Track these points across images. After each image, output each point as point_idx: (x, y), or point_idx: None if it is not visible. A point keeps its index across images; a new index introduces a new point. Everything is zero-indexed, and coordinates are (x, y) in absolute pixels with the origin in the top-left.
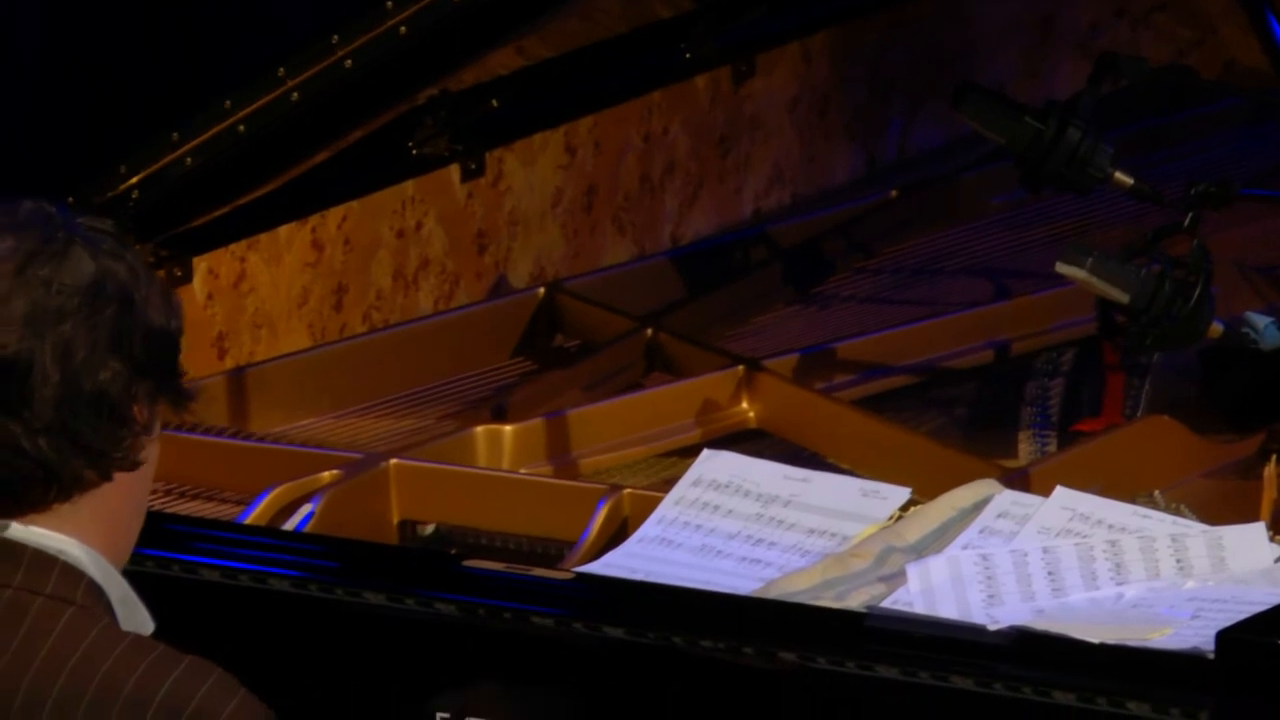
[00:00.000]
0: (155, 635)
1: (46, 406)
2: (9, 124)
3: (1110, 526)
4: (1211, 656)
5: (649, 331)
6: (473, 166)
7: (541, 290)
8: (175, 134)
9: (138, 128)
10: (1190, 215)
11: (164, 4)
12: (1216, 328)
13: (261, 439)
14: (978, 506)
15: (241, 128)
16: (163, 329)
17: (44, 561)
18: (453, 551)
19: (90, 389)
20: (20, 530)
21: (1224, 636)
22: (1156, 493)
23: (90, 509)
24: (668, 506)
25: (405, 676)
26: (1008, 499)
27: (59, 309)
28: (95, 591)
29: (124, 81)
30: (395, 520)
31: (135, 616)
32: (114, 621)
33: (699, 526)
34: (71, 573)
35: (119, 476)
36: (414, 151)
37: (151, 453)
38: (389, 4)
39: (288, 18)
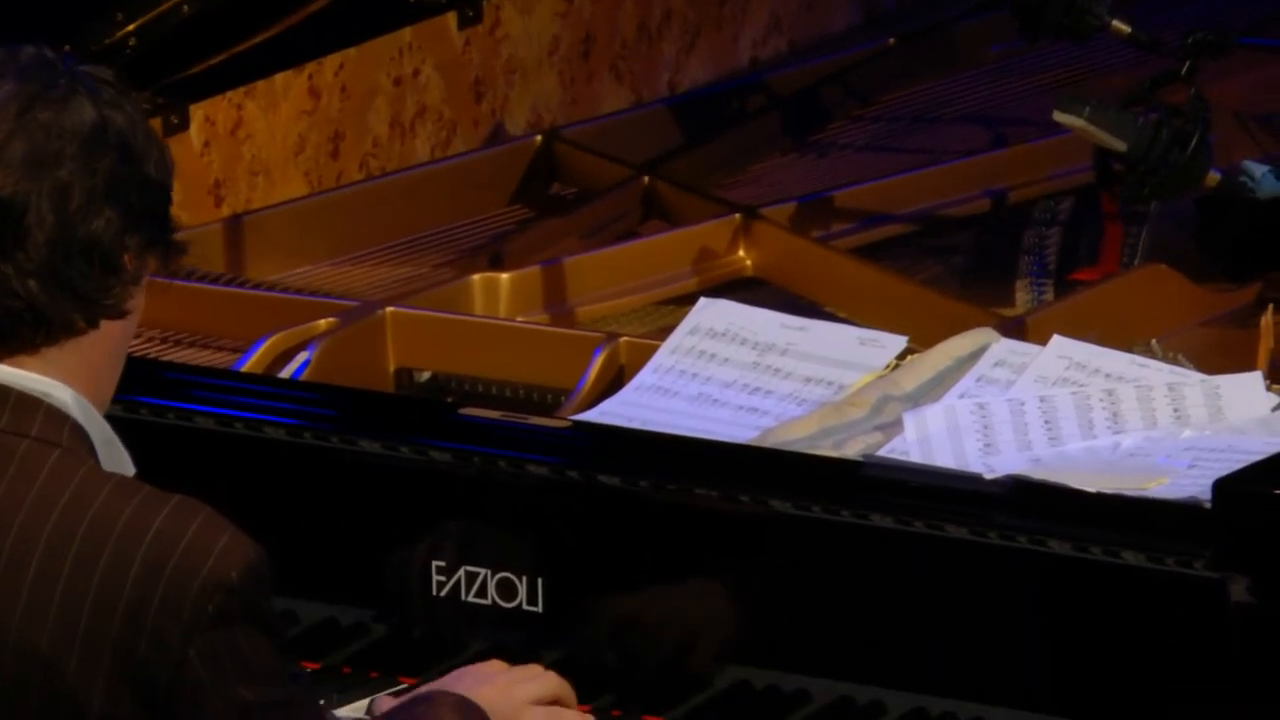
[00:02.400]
0: (152, 481)
1: (39, 249)
2: None
3: (1107, 375)
4: (1208, 506)
5: (646, 179)
6: (470, 14)
7: (539, 138)
8: None
9: None
10: (1188, 63)
11: None
12: (1214, 176)
13: (257, 286)
14: (974, 355)
15: None
16: (158, 181)
17: (29, 404)
18: (449, 399)
19: (84, 235)
20: (6, 372)
21: (1220, 486)
22: (1153, 341)
23: (76, 354)
24: (664, 355)
25: (400, 525)
26: (1004, 348)
27: (57, 154)
28: (79, 434)
29: None
30: (391, 368)
31: (117, 459)
32: (97, 464)
33: (695, 375)
34: (56, 415)
35: (105, 324)
36: None
37: (138, 303)
38: None
39: None
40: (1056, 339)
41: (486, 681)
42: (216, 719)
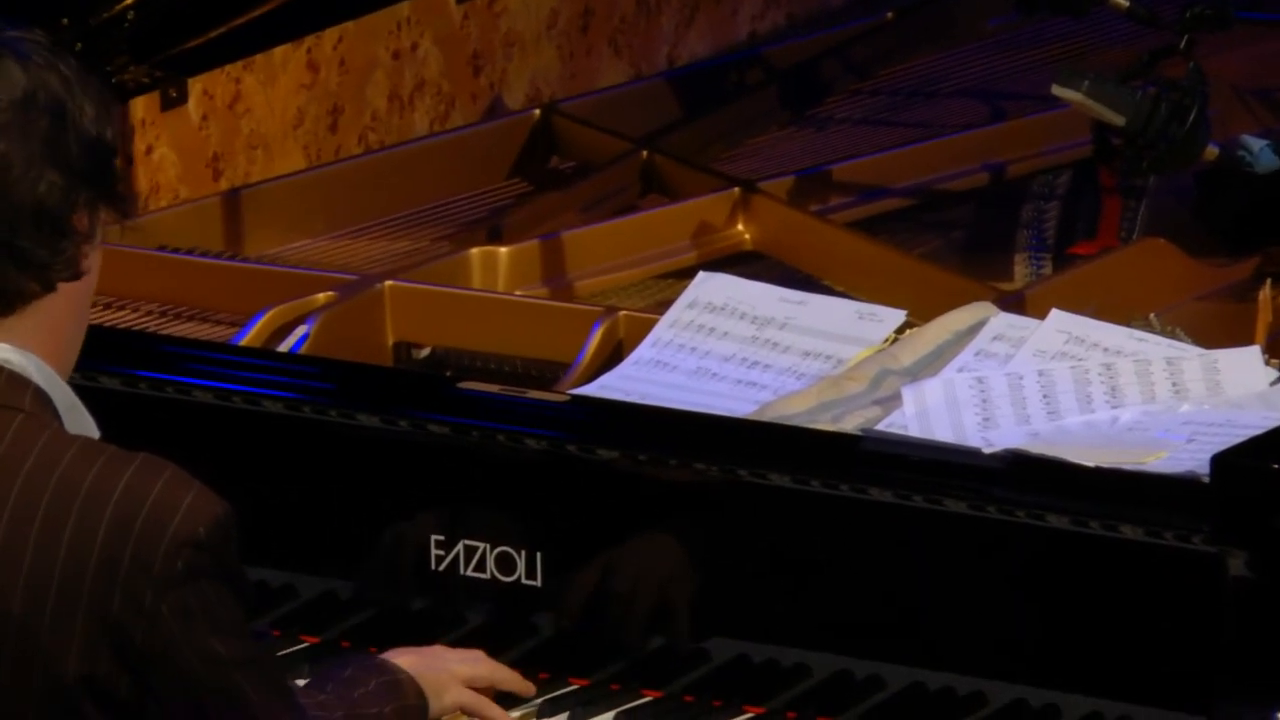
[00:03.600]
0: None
1: None
2: None
3: (1106, 349)
4: (1206, 480)
5: (645, 153)
6: None
7: (537, 112)
8: None
9: None
10: (1186, 38)
11: None
12: (1212, 150)
13: (256, 260)
14: (973, 329)
15: None
16: (98, 137)
17: None
18: (447, 374)
19: (29, 202)
20: None
21: (1219, 460)
22: (1152, 315)
23: (33, 319)
24: (663, 329)
25: (399, 499)
26: (1003, 322)
27: None
28: (42, 399)
29: None
30: (390, 342)
31: (81, 422)
32: (61, 427)
33: (694, 349)
34: (17, 380)
35: (62, 287)
36: None
37: (94, 261)
38: None
39: None
40: (1055, 313)
41: (424, 654)
42: (189, 671)
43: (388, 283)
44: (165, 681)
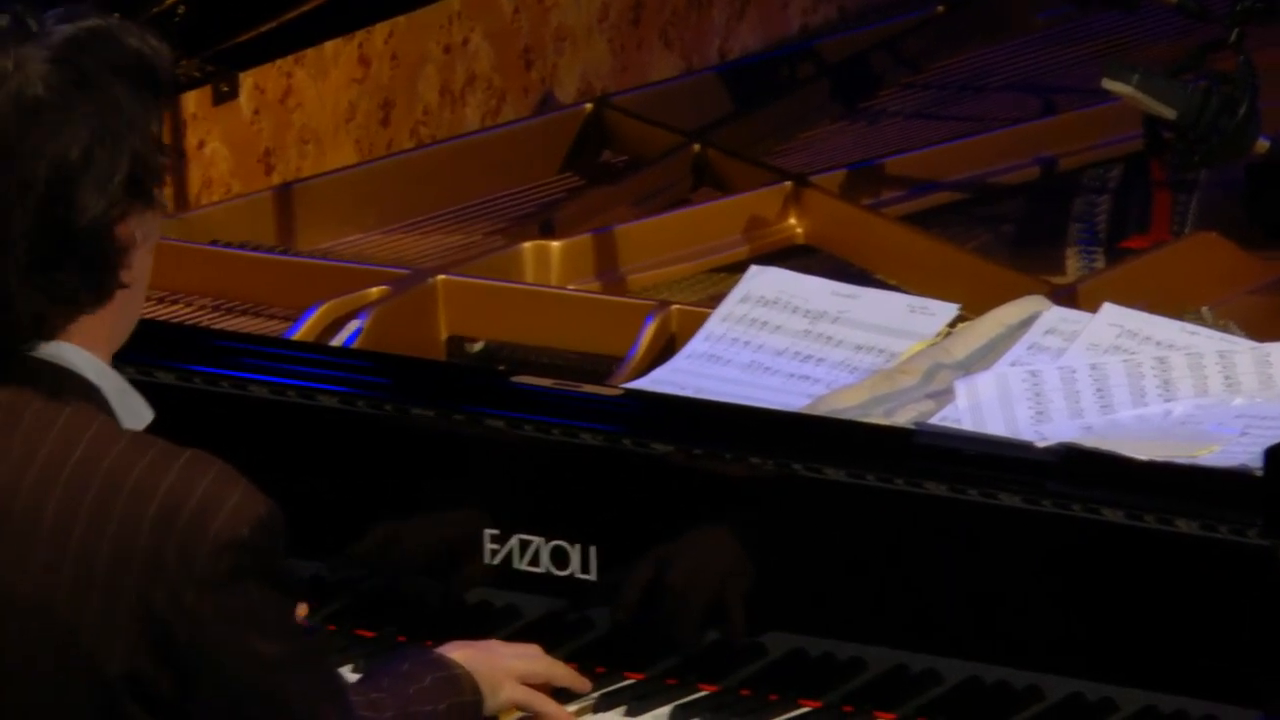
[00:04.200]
0: (206, 450)
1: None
2: None
3: (1158, 343)
4: (1259, 473)
5: (696, 147)
6: None
7: (589, 105)
8: None
9: None
10: (1236, 31)
11: None
12: (1262, 144)
13: (309, 255)
14: (1025, 323)
15: None
16: (138, 159)
17: (37, 366)
18: (500, 368)
19: (69, 232)
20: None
21: (1272, 453)
22: (1204, 309)
23: (86, 321)
24: (715, 322)
25: (452, 493)
26: (1056, 315)
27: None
28: (90, 390)
29: None
30: (443, 336)
31: (133, 405)
32: (111, 419)
33: (747, 343)
34: (64, 374)
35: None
36: None
37: (143, 264)
38: None
39: None
40: (1107, 306)
41: (480, 649)
42: (232, 673)
43: (440, 277)
44: (207, 682)
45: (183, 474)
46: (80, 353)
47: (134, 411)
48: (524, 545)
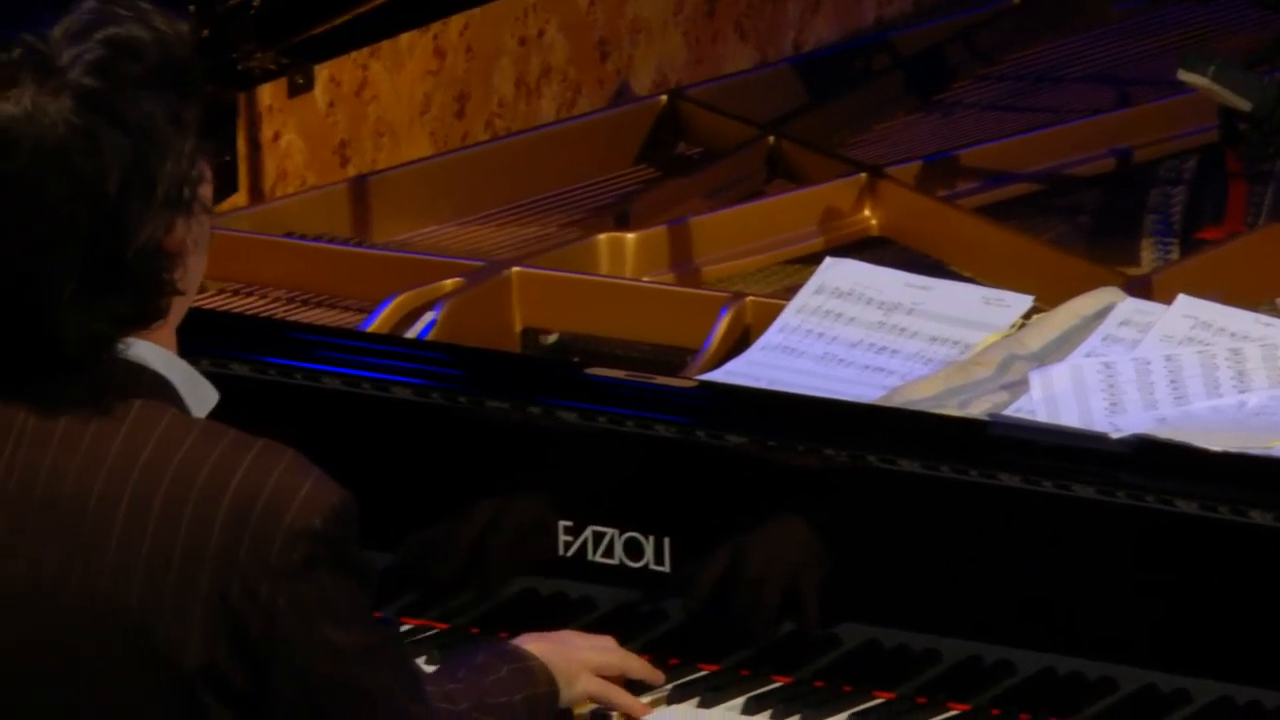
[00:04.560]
0: (281, 441)
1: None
2: None
3: (1233, 334)
4: None
5: (771, 139)
6: None
7: (664, 97)
8: None
9: None
10: None
11: None
12: None
13: (384, 247)
14: (1100, 314)
15: None
16: (179, 168)
17: (105, 361)
18: (575, 359)
19: (118, 260)
20: None
21: None
22: (1278, 300)
23: None
24: (790, 314)
25: (526, 485)
26: (1130, 307)
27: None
28: (160, 383)
29: None
30: (518, 328)
31: (201, 391)
32: (181, 410)
33: (821, 334)
34: (133, 367)
35: None
36: None
37: (198, 265)
38: None
39: None
40: (1182, 298)
41: (555, 641)
42: (307, 665)
43: (515, 269)
44: (282, 674)
45: (254, 465)
46: (148, 346)
47: (202, 398)
48: (598, 537)
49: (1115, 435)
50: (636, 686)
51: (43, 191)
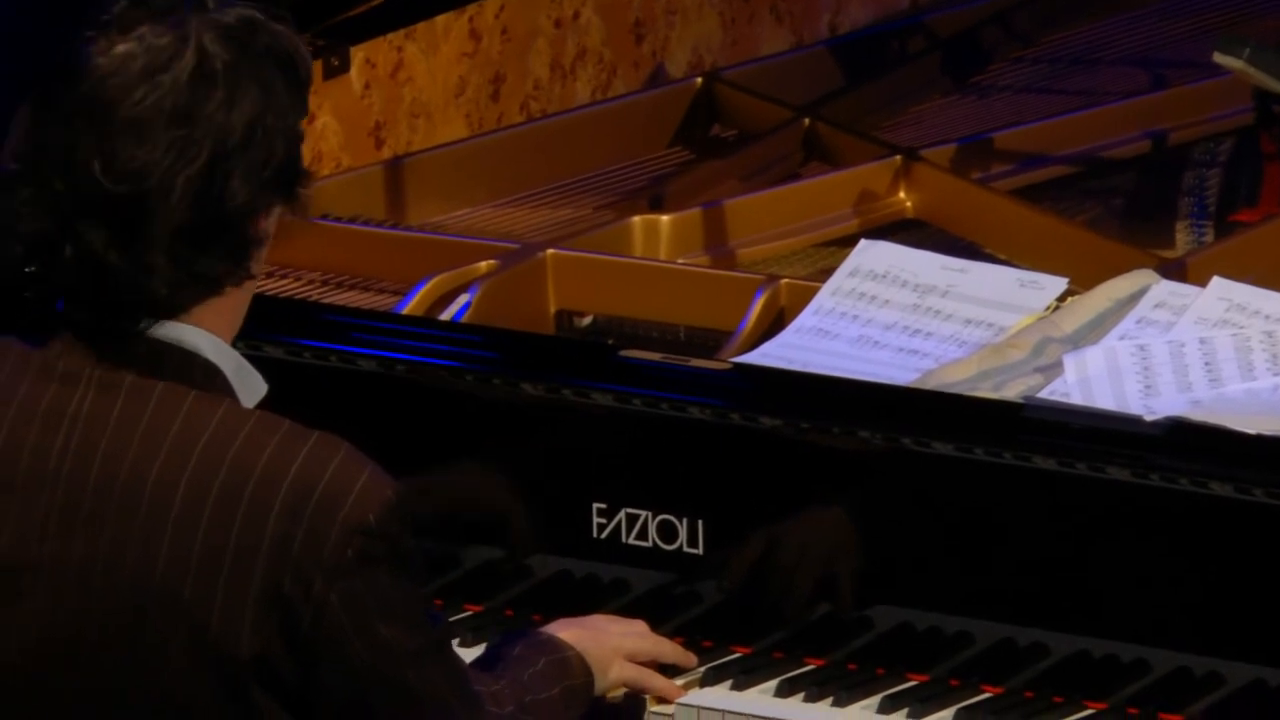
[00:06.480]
0: (316, 424)
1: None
2: None
3: (1267, 317)
4: None
5: (806, 121)
6: None
7: (699, 80)
8: None
9: None
10: None
11: None
12: None
13: (419, 229)
14: (1134, 297)
15: None
16: (287, 150)
17: (161, 349)
18: (610, 342)
19: (210, 219)
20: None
21: None
22: None
23: (210, 307)
24: (825, 297)
25: (561, 467)
26: (1165, 289)
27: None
28: (213, 372)
29: None
30: (552, 311)
31: (249, 381)
32: (234, 400)
33: (856, 317)
34: (190, 358)
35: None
36: None
37: (265, 259)
38: None
39: None
40: (1216, 280)
41: (588, 627)
42: (356, 661)
43: (550, 251)
44: (331, 669)
45: (310, 458)
46: (201, 334)
47: (251, 388)
48: (631, 519)
49: (1149, 418)
50: (669, 669)
51: (187, 109)
